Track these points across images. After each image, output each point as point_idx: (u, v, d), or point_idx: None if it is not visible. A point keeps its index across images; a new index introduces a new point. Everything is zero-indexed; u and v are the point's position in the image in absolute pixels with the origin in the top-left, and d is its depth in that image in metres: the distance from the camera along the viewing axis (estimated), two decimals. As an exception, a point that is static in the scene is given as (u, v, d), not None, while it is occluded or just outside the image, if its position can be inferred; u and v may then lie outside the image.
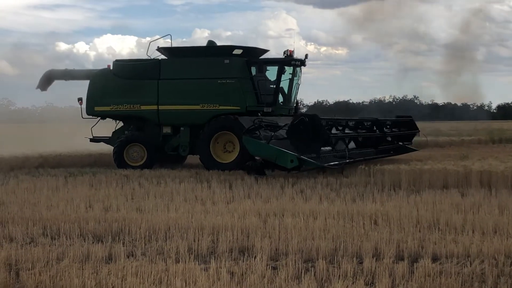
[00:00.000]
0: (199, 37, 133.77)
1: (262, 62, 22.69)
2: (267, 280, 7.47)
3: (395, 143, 24.50)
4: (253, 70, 22.32)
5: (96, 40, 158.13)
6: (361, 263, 8.32)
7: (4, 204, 13.63)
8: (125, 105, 22.87)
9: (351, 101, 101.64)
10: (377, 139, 23.00)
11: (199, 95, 22.18)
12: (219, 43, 23.67)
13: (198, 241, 9.55)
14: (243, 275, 7.74)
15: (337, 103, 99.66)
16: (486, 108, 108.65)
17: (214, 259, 8.51)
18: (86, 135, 23.81)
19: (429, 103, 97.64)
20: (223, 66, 22.20)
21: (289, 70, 22.66)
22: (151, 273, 7.72)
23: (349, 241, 9.38)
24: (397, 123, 25.32)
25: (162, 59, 23.10)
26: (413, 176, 16.71)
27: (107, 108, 23.11)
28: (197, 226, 10.63)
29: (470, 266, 8.13)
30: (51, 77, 25.57)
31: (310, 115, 18.69)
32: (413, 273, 7.81)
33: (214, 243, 9.60)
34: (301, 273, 7.89)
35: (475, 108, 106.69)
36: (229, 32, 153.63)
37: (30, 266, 8.29)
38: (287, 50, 22.44)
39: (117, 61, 23.74)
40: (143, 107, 22.73)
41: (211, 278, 7.54)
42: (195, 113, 22.14)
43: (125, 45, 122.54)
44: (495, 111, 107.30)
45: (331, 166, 18.41)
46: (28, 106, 55.10)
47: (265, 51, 23.63)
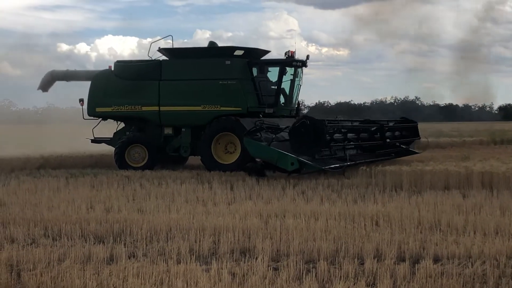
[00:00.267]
0: (200, 38, 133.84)
1: (263, 63, 22.70)
2: (268, 281, 7.48)
3: (396, 145, 24.35)
4: (255, 71, 22.31)
5: (97, 41, 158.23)
6: (362, 264, 8.33)
7: (5, 205, 13.64)
8: (127, 106, 22.88)
9: (352, 102, 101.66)
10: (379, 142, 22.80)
11: (200, 96, 22.17)
12: (220, 44, 23.68)
13: (199, 242, 9.54)
14: (244, 276, 7.74)
15: (339, 104, 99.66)
16: (488, 109, 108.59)
17: (215, 260, 8.51)
18: (87, 136, 23.82)
19: (431, 104, 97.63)
20: (224, 67, 22.19)
21: (290, 71, 22.65)
22: (153, 274, 7.71)
23: (350, 242, 9.38)
24: (400, 126, 25.07)
25: (163, 60, 23.10)
26: (415, 177, 16.70)
27: (109, 109, 23.12)
28: (198, 227, 10.62)
29: (471, 267, 8.13)
30: (52, 78, 25.63)
31: (313, 120, 18.57)
32: (415, 274, 7.81)
33: (215, 244, 9.59)
34: (302, 274, 7.88)
35: (477, 109, 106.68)
36: (230, 33, 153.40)
37: (31, 267, 8.30)
38: (289, 51, 22.44)
39: (118, 62, 23.76)
40: (144, 108, 22.73)
41: (212, 279, 7.54)
42: (196, 114, 22.14)
43: (126, 46, 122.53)
44: (496, 112, 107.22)
45: (331, 169, 18.35)
46: (29, 107, 55.11)
47: (267, 52, 23.63)
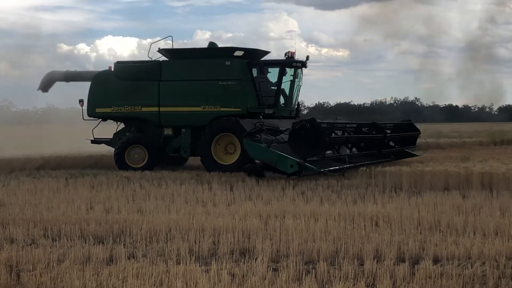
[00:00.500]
0: (200, 39, 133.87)
1: (263, 63, 22.70)
2: (268, 281, 7.47)
3: (396, 147, 24.33)
4: (254, 71, 22.31)
5: (97, 41, 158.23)
6: (362, 264, 8.32)
7: (5, 205, 13.63)
8: (126, 107, 22.88)
9: (352, 103, 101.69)
10: (379, 144, 22.77)
11: (200, 97, 22.17)
12: (220, 45, 23.69)
13: (199, 242, 9.53)
14: (244, 276, 7.73)
15: (338, 105, 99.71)
16: (487, 110, 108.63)
17: (215, 261, 8.50)
18: (87, 136, 23.81)
19: (431, 104, 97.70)
20: (224, 67, 22.19)
21: (290, 71, 22.65)
22: (152, 274, 7.71)
23: (350, 242, 9.37)
24: (399, 129, 25.04)
25: (163, 61, 23.10)
26: (414, 177, 16.71)
27: (108, 109, 23.12)
28: (198, 227, 10.62)
29: (471, 268, 8.12)
30: (52, 78, 25.62)
31: (311, 122, 18.52)
32: (414, 275, 7.80)
33: (215, 245, 9.59)
34: (302, 274, 7.88)
35: (476, 110, 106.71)
36: (230, 33, 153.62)
37: (31, 267, 8.29)
38: (288, 51, 22.44)
39: (118, 62, 23.75)
40: (144, 109, 22.73)
41: (212, 279, 7.53)
42: (196, 114, 22.13)
43: (126, 47, 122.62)
44: (496, 113, 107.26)
45: (331, 172, 18.21)
46: (29, 107, 55.17)
47: (266, 52, 23.63)
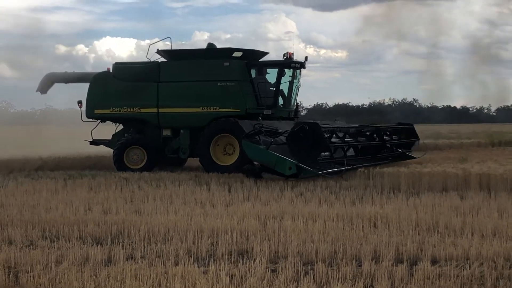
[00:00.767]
0: (199, 40, 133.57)
1: (262, 64, 22.71)
2: (266, 283, 7.48)
3: (394, 150, 24.25)
4: (253, 72, 22.34)
5: (95, 42, 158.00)
6: (360, 266, 8.32)
7: (3, 206, 13.63)
8: (125, 108, 22.87)
9: (350, 104, 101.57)
10: (377, 147, 22.73)
11: (199, 98, 22.17)
12: (218, 46, 23.70)
13: (197, 243, 9.54)
14: (242, 278, 7.74)
15: (337, 106, 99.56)
16: (485, 111, 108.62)
17: (213, 262, 8.50)
18: (86, 138, 23.80)
19: (429, 105, 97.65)
20: (223, 68, 22.19)
21: (289, 72, 22.66)
22: (150, 276, 7.71)
23: (348, 244, 9.38)
24: (398, 131, 24.98)
25: (162, 62, 23.11)
26: (413, 179, 16.70)
27: (107, 110, 23.11)
28: (196, 228, 10.62)
29: (469, 269, 8.13)
30: (51, 80, 25.59)
31: (311, 124, 18.49)
32: (412, 276, 7.82)
33: (213, 246, 9.59)
34: (300, 276, 7.88)
35: (475, 111, 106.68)
36: (228, 34, 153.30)
37: (29, 268, 8.29)
38: (287, 52, 22.44)
39: (117, 63, 23.73)
40: (143, 110, 22.73)
41: (210, 280, 7.54)
42: (195, 115, 22.13)
43: (124, 48, 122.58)
44: (494, 113, 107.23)
45: (329, 174, 18.13)
46: (27, 108, 55.18)
47: (265, 53, 23.62)
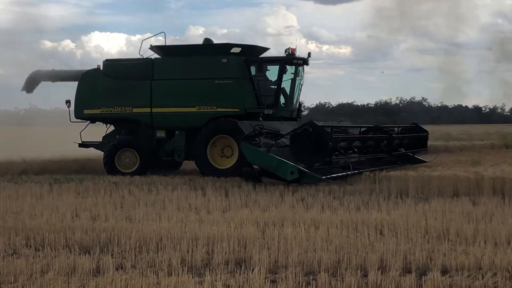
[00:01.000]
0: (193, 35, 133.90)
1: (262, 61, 22.65)
2: (265, 294, 7.43)
3: (402, 152, 24.10)
4: (253, 69, 22.30)
5: (83, 38, 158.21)
6: (366, 276, 8.29)
7: (-15, 212, 13.59)
8: (116, 108, 22.85)
9: (355, 103, 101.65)
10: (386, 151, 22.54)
11: (195, 97, 22.15)
12: (215, 41, 23.68)
13: (192, 252, 9.50)
14: (239, 289, 7.69)
15: (341, 105, 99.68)
16: (499, 110, 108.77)
17: (209, 272, 8.47)
18: (74, 139, 23.75)
19: (439, 105, 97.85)
20: (221, 65, 22.16)
21: (291, 69, 22.63)
22: (142, 286, 7.69)
23: (353, 252, 9.35)
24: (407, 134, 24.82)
25: (155, 59, 23.11)
26: (421, 183, 16.66)
27: (97, 110, 23.09)
28: (191, 236, 10.59)
29: (482, 279, 8.10)
30: (37, 78, 25.58)
31: (317, 127, 18.21)
32: (421, 286, 7.80)
33: (209, 255, 9.55)
34: (301, 286, 7.85)
35: (487, 110, 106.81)
36: (225, 29, 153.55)
37: (12, 279, 8.24)
38: (289, 48, 22.42)
39: (107, 60, 23.72)
40: (135, 110, 22.70)
41: (205, 292, 7.49)
42: (191, 115, 22.09)
43: (114, 44, 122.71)
44: (508, 113, 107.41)
45: (333, 179, 17.98)
46: (10, 108, 55.16)
47: (265, 49, 23.60)
